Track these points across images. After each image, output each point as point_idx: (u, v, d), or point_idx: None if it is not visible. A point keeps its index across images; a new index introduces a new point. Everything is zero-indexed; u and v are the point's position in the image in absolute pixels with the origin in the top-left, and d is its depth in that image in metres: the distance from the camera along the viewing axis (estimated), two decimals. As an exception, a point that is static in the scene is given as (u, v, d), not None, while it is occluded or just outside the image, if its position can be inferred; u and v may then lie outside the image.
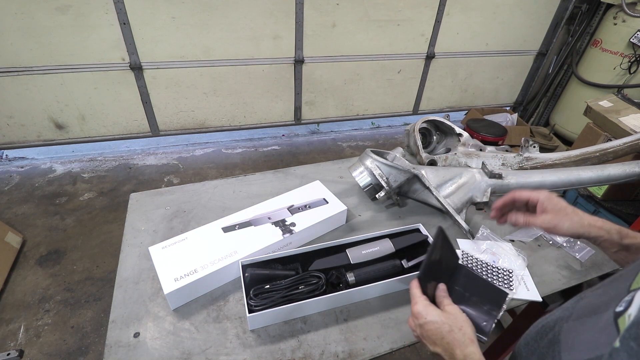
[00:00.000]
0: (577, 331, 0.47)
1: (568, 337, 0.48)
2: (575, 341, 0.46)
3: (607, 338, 0.41)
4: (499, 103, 3.82)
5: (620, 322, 0.40)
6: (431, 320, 0.59)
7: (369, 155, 1.09)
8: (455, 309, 0.61)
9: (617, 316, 0.41)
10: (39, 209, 2.43)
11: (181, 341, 0.76)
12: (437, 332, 0.58)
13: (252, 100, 2.96)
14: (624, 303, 0.42)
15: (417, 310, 0.61)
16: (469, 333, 0.57)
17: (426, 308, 0.60)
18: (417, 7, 2.87)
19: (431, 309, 0.60)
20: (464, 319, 0.59)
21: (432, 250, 0.66)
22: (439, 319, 0.59)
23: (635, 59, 2.73)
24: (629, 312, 0.40)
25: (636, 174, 0.99)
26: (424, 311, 0.60)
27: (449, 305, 0.62)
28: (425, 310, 0.60)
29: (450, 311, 0.60)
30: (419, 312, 0.60)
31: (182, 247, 0.88)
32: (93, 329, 1.75)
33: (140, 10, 2.32)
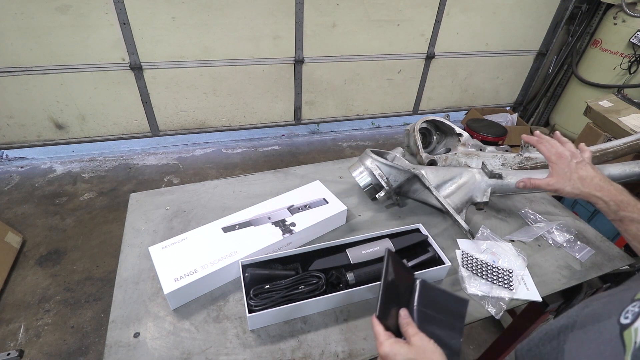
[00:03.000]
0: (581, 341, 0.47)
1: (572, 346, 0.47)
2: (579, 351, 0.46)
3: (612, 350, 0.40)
4: (499, 103, 3.82)
5: (626, 336, 0.40)
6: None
7: (369, 155, 1.09)
8: (422, 338, 0.57)
9: (623, 329, 0.41)
10: (39, 209, 2.43)
11: (181, 341, 0.76)
12: None
13: (252, 100, 2.96)
14: (629, 315, 0.41)
15: (384, 352, 0.57)
16: None
17: (392, 348, 0.56)
18: (417, 7, 2.87)
19: (397, 347, 0.56)
20: (433, 350, 0.56)
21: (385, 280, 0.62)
22: (407, 357, 0.55)
23: (635, 59, 2.73)
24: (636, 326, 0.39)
25: (636, 174, 0.99)
26: (390, 352, 0.56)
27: (415, 335, 0.58)
28: (392, 350, 0.56)
29: (417, 344, 0.57)
30: (387, 354, 0.56)
31: (182, 247, 0.88)
32: (93, 329, 1.75)
33: (140, 10, 2.32)
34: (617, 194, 0.70)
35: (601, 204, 0.71)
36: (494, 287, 0.89)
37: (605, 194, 0.70)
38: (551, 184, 0.77)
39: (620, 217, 0.69)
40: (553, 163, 0.78)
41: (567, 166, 0.76)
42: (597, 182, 0.72)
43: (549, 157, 0.79)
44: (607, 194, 0.70)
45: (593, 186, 0.71)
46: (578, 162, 0.75)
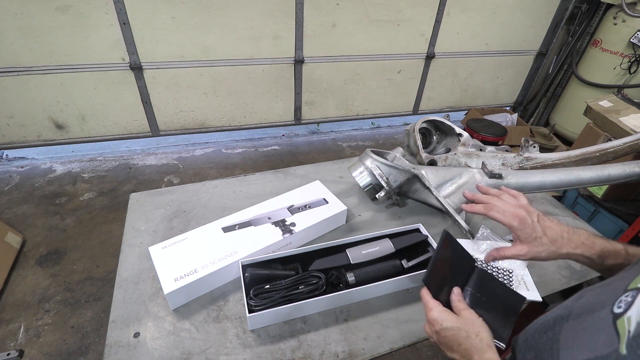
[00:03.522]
0: (575, 331, 0.48)
1: (567, 336, 0.48)
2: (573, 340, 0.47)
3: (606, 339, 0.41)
4: (499, 103, 3.82)
5: (619, 325, 0.40)
6: (447, 326, 0.57)
7: (369, 155, 1.09)
8: (472, 314, 0.59)
9: (616, 317, 0.41)
10: (39, 209, 2.43)
11: (181, 341, 0.76)
12: (454, 338, 0.57)
13: (252, 100, 2.96)
14: (622, 304, 0.42)
15: (432, 317, 0.59)
16: (487, 339, 0.56)
17: (441, 314, 0.59)
18: (417, 7, 2.87)
19: (446, 315, 0.59)
20: (481, 325, 0.58)
21: (437, 254, 0.65)
22: (456, 325, 0.57)
23: (635, 59, 2.73)
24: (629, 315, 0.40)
25: (636, 174, 0.99)
26: (439, 317, 0.58)
27: (465, 310, 0.60)
28: (440, 316, 0.59)
29: (467, 316, 0.59)
30: (435, 319, 0.59)
31: (182, 247, 0.88)
32: (93, 329, 1.75)
33: (140, 10, 2.32)
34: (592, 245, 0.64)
35: (584, 260, 0.65)
36: (494, 287, 0.89)
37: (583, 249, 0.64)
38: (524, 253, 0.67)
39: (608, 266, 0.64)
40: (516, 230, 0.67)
41: (532, 230, 0.66)
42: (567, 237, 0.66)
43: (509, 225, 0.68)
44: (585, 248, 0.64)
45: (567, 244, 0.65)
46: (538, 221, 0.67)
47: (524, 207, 0.69)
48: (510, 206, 0.70)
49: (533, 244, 0.66)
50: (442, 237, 0.67)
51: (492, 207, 0.71)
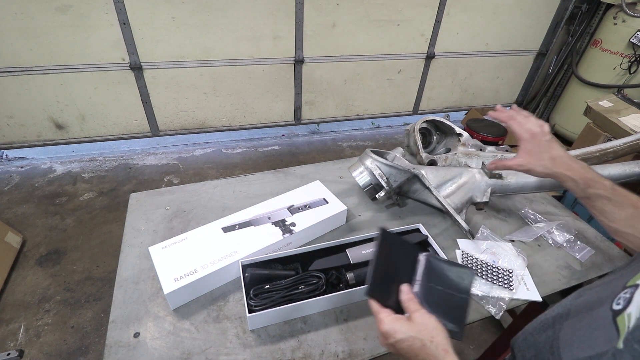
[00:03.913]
0: (575, 328, 0.48)
1: (566, 334, 0.48)
2: (573, 338, 0.47)
3: (606, 336, 0.41)
4: (499, 103, 3.81)
5: (619, 321, 0.40)
6: (401, 338, 0.55)
7: (369, 155, 1.09)
8: (423, 315, 0.57)
9: (616, 314, 0.42)
10: (39, 209, 2.43)
11: (181, 341, 0.76)
12: (410, 349, 0.55)
13: (252, 100, 2.96)
14: (621, 301, 0.42)
15: (384, 330, 0.56)
16: (442, 343, 0.54)
17: (393, 325, 0.56)
18: (417, 7, 2.87)
19: (398, 325, 0.56)
20: (434, 327, 0.55)
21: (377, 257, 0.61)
22: (408, 334, 0.55)
23: (635, 59, 2.73)
24: (629, 311, 0.40)
25: (636, 174, 1.00)
26: (391, 330, 0.56)
27: (416, 312, 0.57)
28: (392, 327, 0.56)
29: (418, 320, 0.56)
30: (387, 332, 0.56)
31: (182, 247, 0.88)
32: (93, 329, 1.75)
33: (140, 10, 2.32)
34: (584, 172, 0.70)
35: (570, 183, 0.71)
36: (494, 287, 0.89)
37: (574, 173, 0.71)
38: (523, 164, 0.75)
39: (588, 194, 0.70)
40: (525, 141, 0.75)
41: (538, 145, 0.74)
42: (566, 161, 0.72)
43: (520, 136, 0.76)
44: (576, 173, 0.70)
45: (563, 165, 0.72)
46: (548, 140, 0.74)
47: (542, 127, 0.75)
48: (530, 123, 0.76)
49: (534, 157, 0.73)
50: (378, 236, 0.63)
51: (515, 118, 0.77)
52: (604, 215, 0.69)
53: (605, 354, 0.40)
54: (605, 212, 0.69)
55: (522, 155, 0.75)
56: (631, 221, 0.65)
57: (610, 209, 0.67)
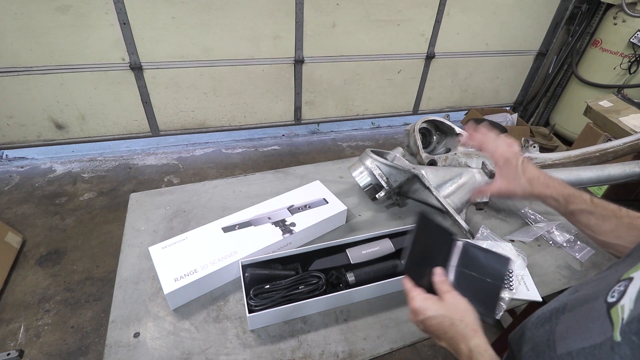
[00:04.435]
0: (571, 321, 0.48)
1: (563, 328, 0.49)
2: (569, 331, 0.47)
3: (600, 328, 0.42)
4: (499, 103, 3.82)
5: (613, 313, 0.41)
6: (431, 315, 0.57)
7: (369, 155, 1.09)
8: (455, 296, 0.58)
9: (610, 307, 0.42)
10: (39, 209, 2.43)
11: (181, 341, 0.76)
12: (439, 327, 0.56)
13: (252, 100, 2.96)
14: (615, 293, 0.43)
15: (414, 306, 0.59)
16: (472, 323, 0.55)
17: (424, 303, 0.58)
18: (417, 7, 2.87)
19: (429, 303, 0.58)
20: (465, 308, 0.57)
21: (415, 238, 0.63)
22: (439, 312, 0.57)
23: (635, 59, 2.73)
24: (622, 303, 0.40)
25: (636, 174, 1.00)
26: (422, 306, 0.58)
27: (448, 292, 0.59)
28: (423, 305, 0.58)
29: (450, 301, 0.58)
30: (417, 309, 0.58)
31: (182, 247, 0.88)
32: (93, 329, 1.75)
33: (140, 10, 2.32)
34: (562, 189, 0.71)
35: (551, 201, 0.72)
36: (494, 287, 0.89)
37: (553, 191, 0.71)
38: (502, 189, 0.75)
39: (571, 210, 0.71)
40: (500, 167, 0.76)
41: (514, 169, 0.74)
42: (542, 180, 0.73)
43: (496, 162, 0.77)
44: (555, 191, 0.71)
45: (541, 186, 0.72)
46: (522, 163, 0.75)
47: (513, 151, 0.76)
48: (501, 148, 0.76)
49: (512, 182, 0.74)
50: (417, 220, 0.66)
51: (488, 143, 0.78)
52: (590, 229, 0.70)
53: (600, 345, 0.40)
54: (590, 225, 0.69)
55: (500, 181, 0.76)
56: (617, 232, 0.65)
57: (595, 222, 0.68)
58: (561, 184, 0.72)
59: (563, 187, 0.72)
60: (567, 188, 0.71)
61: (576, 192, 0.71)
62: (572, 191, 0.71)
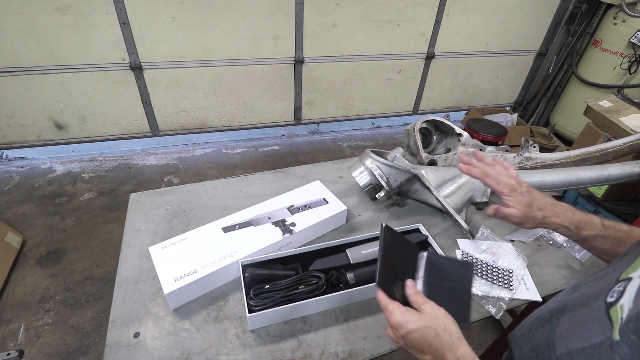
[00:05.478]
0: (571, 322, 0.48)
1: (563, 328, 0.49)
2: (569, 332, 0.47)
3: (599, 327, 0.42)
4: (499, 103, 3.82)
5: (613, 313, 0.41)
6: (413, 328, 0.54)
7: (369, 155, 1.09)
8: (433, 306, 0.57)
9: (609, 306, 0.42)
10: (39, 209, 2.43)
11: (181, 341, 0.76)
12: (422, 339, 0.54)
13: (252, 100, 2.96)
14: (615, 294, 0.43)
15: (395, 321, 0.56)
16: (455, 332, 0.55)
17: (404, 316, 0.56)
18: (417, 7, 2.87)
19: (409, 316, 0.55)
20: (445, 317, 0.56)
21: (383, 250, 0.62)
22: (421, 324, 0.54)
23: (635, 59, 2.73)
24: (621, 303, 0.40)
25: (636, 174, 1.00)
26: (403, 320, 0.55)
27: (425, 304, 0.57)
28: (404, 318, 0.55)
29: (429, 312, 0.56)
30: (399, 323, 0.55)
31: (182, 247, 0.88)
32: (93, 329, 1.75)
33: (140, 10, 2.32)
34: (571, 216, 0.70)
35: (562, 230, 0.70)
36: (494, 287, 0.89)
37: (564, 219, 0.70)
38: (519, 215, 0.72)
39: (584, 237, 0.69)
40: (507, 197, 0.73)
41: (522, 197, 0.72)
42: (550, 208, 0.71)
43: (500, 192, 0.74)
44: (566, 219, 0.70)
45: (550, 214, 0.70)
46: (527, 190, 0.73)
47: (514, 178, 0.75)
48: (502, 176, 0.75)
49: (527, 210, 0.71)
50: (381, 231, 0.64)
51: (487, 174, 0.76)
52: (606, 254, 0.69)
53: (599, 345, 0.40)
54: (605, 250, 0.68)
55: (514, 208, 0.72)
56: None
57: (610, 247, 0.67)
58: (569, 209, 0.71)
59: (572, 214, 0.70)
60: (576, 214, 0.70)
61: (585, 217, 0.69)
62: (581, 217, 0.69)
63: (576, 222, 0.69)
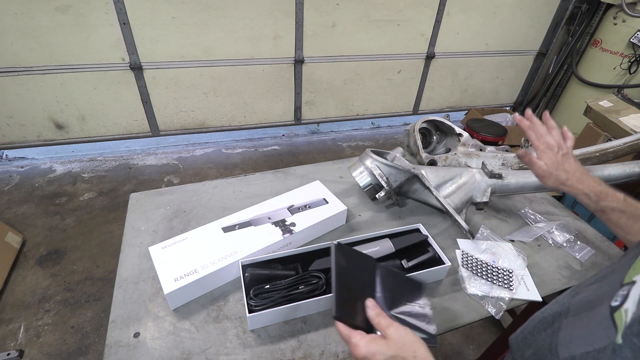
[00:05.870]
0: (574, 326, 0.48)
1: (566, 332, 0.49)
2: (572, 336, 0.47)
3: (604, 332, 0.41)
4: (499, 103, 3.82)
5: (617, 317, 0.41)
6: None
7: (369, 155, 1.09)
8: (398, 329, 0.53)
9: (613, 311, 0.42)
10: (39, 209, 2.43)
11: (181, 341, 0.76)
12: None
13: (252, 100, 2.96)
14: (619, 297, 0.43)
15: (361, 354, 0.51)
16: (425, 356, 0.51)
17: (369, 347, 0.51)
18: (417, 7, 2.87)
19: (375, 346, 0.51)
20: (412, 340, 0.52)
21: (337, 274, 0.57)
22: (388, 354, 0.50)
23: (635, 59, 2.73)
24: (625, 307, 0.40)
25: (636, 174, 1.00)
26: (369, 353, 0.51)
27: (389, 327, 0.53)
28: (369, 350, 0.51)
29: (394, 336, 0.52)
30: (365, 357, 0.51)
31: (182, 247, 0.88)
32: (93, 329, 1.75)
33: (140, 10, 2.32)
34: (596, 186, 0.72)
35: (582, 197, 0.73)
36: (494, 287, 0.89)
37: (585, 186, 0.73)
38: (543, 169, 0.77)
39: (602, 207, 0.71)
40: (541, 152, 0.78)
41: (554, 157, 0.76)
42: (578, 175, 0.74)
43: (537, 147, 0.79)
44: (588, 187, 0.72)
45: (575, 179, 0.74)
46: (564, 155, 0.77)
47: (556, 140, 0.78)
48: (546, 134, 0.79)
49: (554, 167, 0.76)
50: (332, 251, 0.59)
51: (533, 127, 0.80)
52: (620, 228, 0.70)
53: (604, 349, 0.40)
54: (620, 224, 0.70)
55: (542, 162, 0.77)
56: None
57: (625, 222, 0.69)
58: (596, 181, 0.73)
59: (597, 184, 0.72)
60: (602, 185, 0.72)
61: (610, 190, 0.72)
62: (605, 189, 0.72)
63: (597, 192, 0.71)
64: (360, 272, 0.61)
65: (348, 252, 0.63)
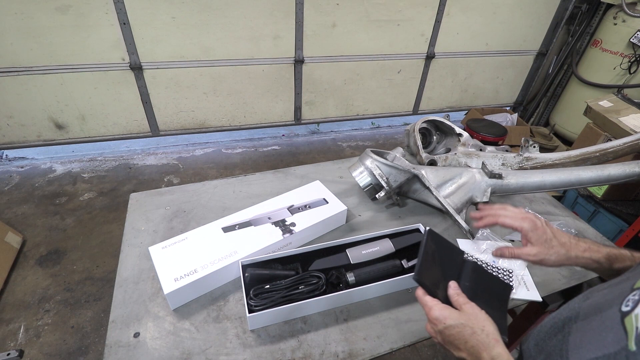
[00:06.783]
0: (584, 330, 0.48)
1: (576, 337, 0.48)
2: (582, 340, 0.47)
3: (614, 337, 0.41)
4: (499, 103, 3.82)
5: (627, 322, 0.41)
6: (451, 324, 0.55)
7: (369, 155, 1.09)
8: (474, 307, 0.57)
9: (624, 316, 0.42)
10: (39, 209, 2.43)
11: (181, 341, 0.76)
12: (459, 336, 0.55)
13: (252, 100, 2.96)
14: (630, 302, 0.42)
15: (433, 315, 0.57)
16: (493, 333, 0.54)
17: (442, 312, 0.57)
18: (417, 7, 2.87)
19: (448, 312, 0.56)
20: (485, 318, 0.56)
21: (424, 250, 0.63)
22: (459, 321, 0.55)
23: (635, 59, 2.73)
24: (636, 312, 0.40)
25: (636, 174, 0.99)
26: (441, 316, 0.56)
27: (466, 304, 0.57)
28: (442, 314, 0.56)
29: (469, 311, 0.56)
30: (437, 317, 0.56)
31: (182, 247, 0.88)
32: (93, 329, 1.75)
33: (140, 10, 2.32)
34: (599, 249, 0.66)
35: (593, 265, 0.67)
36: (494, 287, 0.89)
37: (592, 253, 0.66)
38: (534, 254, 0.67)
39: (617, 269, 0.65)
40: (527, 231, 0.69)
41: (543, 232, 0.68)
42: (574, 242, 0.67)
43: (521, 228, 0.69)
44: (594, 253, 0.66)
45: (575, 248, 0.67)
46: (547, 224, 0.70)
47: (530, 214, 0.72)
48: (517, 213, 0.72)
49: (544, 246, 0.67)
50: (425, 234, 0.67)
51: (501, 215, 0.72)
52: None
53: (614, 355, 0.40)
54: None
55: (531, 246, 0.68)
56: None
57: None
58: (594, 243, 0.67)
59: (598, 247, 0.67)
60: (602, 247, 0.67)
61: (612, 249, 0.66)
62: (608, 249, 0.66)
63: (605, 256, 0.65)
64: (446, 258, 0.67)
65: (438, 239, 0.68)
